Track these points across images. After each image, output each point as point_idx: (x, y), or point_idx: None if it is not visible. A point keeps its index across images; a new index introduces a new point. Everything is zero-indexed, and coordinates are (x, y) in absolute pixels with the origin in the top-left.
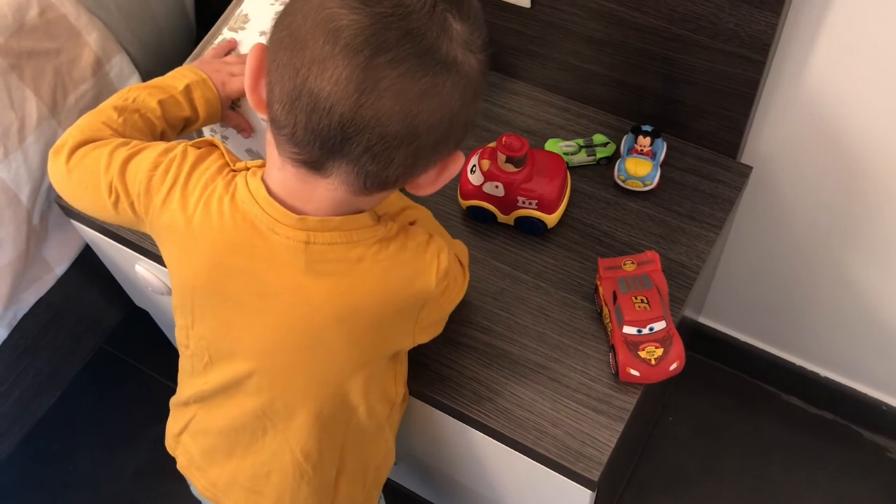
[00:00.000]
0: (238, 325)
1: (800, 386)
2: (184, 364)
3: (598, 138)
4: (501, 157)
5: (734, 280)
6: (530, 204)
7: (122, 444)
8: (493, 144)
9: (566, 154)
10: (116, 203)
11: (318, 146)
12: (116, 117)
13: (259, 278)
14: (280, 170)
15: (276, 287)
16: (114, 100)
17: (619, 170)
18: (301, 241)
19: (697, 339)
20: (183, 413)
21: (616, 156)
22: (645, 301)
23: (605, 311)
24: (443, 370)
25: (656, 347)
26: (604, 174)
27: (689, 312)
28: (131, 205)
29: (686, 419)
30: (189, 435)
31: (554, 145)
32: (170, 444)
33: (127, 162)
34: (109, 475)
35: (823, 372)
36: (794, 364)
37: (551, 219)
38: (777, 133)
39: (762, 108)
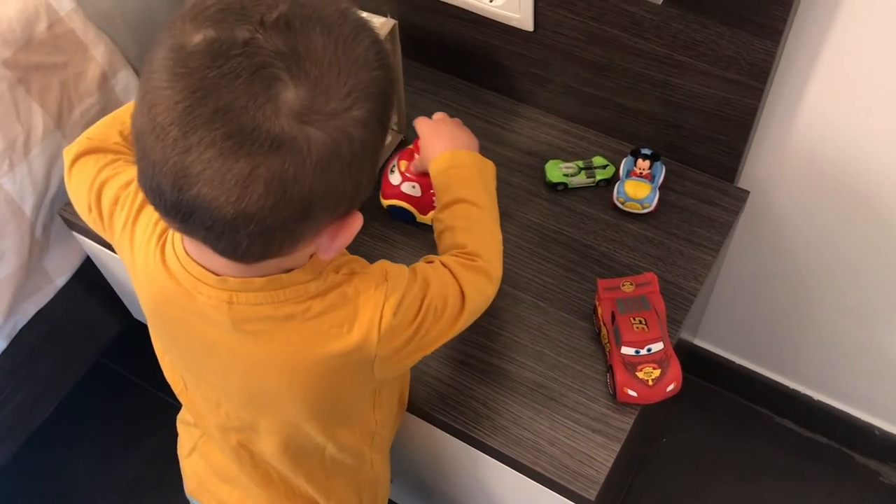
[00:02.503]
0: (195, 362)
1: (793, 409)
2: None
3: (598, 160)
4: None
5: (730, 303)
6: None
7: (118, 456)
8: (412, 146)
9: (566, 175)
10: (96, 222)
11: (172, 220)
12: (130, 124)
13: (196, 330)
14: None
15: (212, 341)
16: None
17: (618, 192)
18: (224, 301)
19: (693, 360)
20: (190, 433)
21: (615, 178)
22: (643, 322)
23: (604, 331)
24: (441, 388)
25: (654, 368)
26: (603, 196)
27: (685, 334)
28: (104, 228)
29: (680, 440)
30: (199, 455)
31: (554, 167)
32: (182, 465)
33: (103, 186)
34: (104, 487)
35: (817, 395)
36: (787, 387)
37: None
38: (774, 159)
39: (760, 133)
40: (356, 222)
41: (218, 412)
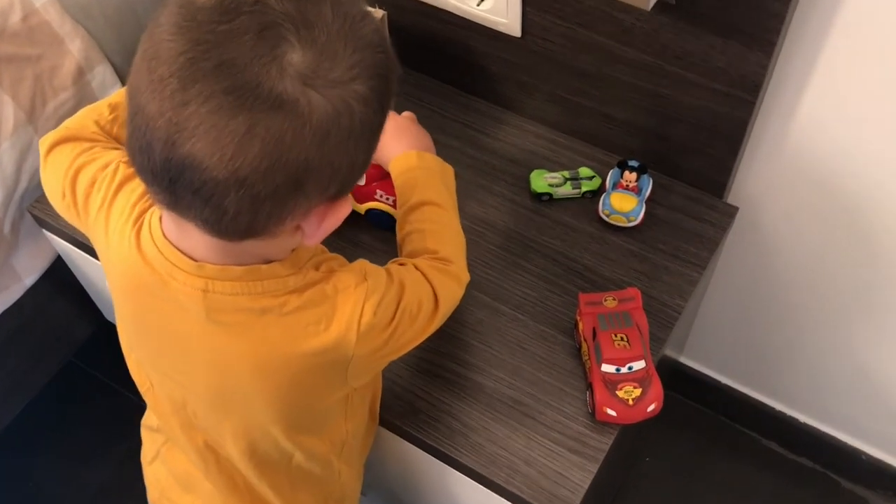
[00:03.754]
0: (162, 357)
1: (779, 431)
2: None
3: (584, 171)
4: None
5: (716, 321)
6: (387, 200)
7: (87, 461)
8: None
9: (551, 186)
10: (69, 209)
11: (158, 186)
12: (108, 114)
13: (167, 319)
14: (163, 212)
15: (183, 332)
16: (114, 96)
17: (603, 204)
18: (199, 289)
19: (677, 378)
20: (154, 439)
21: (601, 190)
22: (625, 339)
23: (584, 347)
24: (416, 402)
25: (634, 387)
26: (588, 208)
27: (669, 351)
28: (78, 214)
29: (663, 460)
30: (161, 462)
31: (539, 176)
32: (145, 473)
33: (79, 171)
34: (72, 494)
35: (803, 418)
36: (773, 409)
37: None
38: (765, 174)
39: (750, 148)
40: (345, 207)
41: (184, 412)
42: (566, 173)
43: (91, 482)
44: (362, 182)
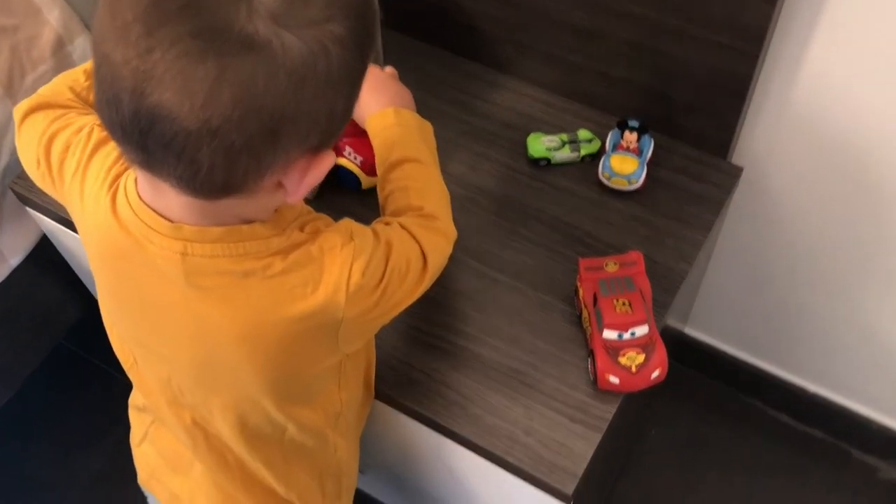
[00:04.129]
0: (144, 329)
1: (788, 401)
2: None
3: (583, 134)
4: None
5: (722, 288)
6: (355, 158)
7: (81, 448)
8: None
9: (549, 150)
10: (44, 177)
11: (129, 144)
12: (83, 80)
13: (146, 287)
14: (136, 172)
15: (164, 300)
16: (90, 63)
17: (603, 167)
18: (177, 252)
19: (682, 349)
20: (141, 419)
21: (601, 153)
22: (627, 304)
23: (585, 313)
24: (412, 373)
25: (637, 353)
26: (587, 172)
27: (673, 321)
28: (53, 182)
29: (669, 432)
30: (150, 442)
31: (536, 140)
32: (134, 454)
33: (53, 137)
34: (66, 481)
35: (812, 387)
36: (782, 378)
37: (368, 181)
38: (770, 132)
39: (755, 105)
40: (327, 160)
41: (169, 388)
42: (564, 136)
43: (86, 469)
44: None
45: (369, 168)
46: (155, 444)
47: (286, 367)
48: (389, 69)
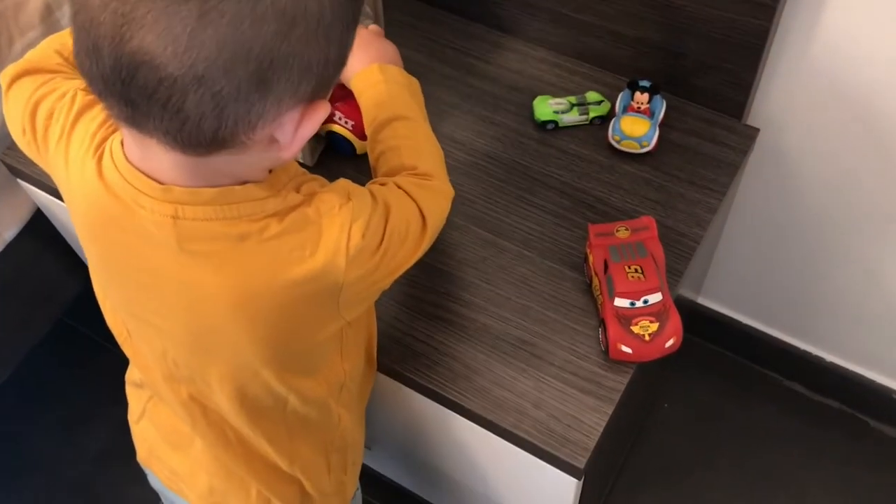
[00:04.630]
0: (137, 300)
1: (804, 371)
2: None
3: (592, 96)
4: None
5: (736, 256)
6: (346, 123)
7: (83, 424)
8: None
9: (556, 113)
10: (30, 145)
11: (112, 97)
12: (71, 43)
13: (137, 255)
14: (123, 132)
15: (156, 267)
16: None
17: (613, 129)
18: (168, 216)
19: (695, 320)
20: (139, 395)
21: (611, 115)
22: (639, 271)
23: (595, 281)
24: (416, 345)
25: (651, 322)
26: (597, 135)
27: (686, 291)
28: (38, 149)
29: (682, 405)
30: (148, 419)
31: (543, 103)
32: (133, 432)
33: (38, 102)
34: (68, 458)
35: (828, 357)
36: (797, 348)
37: (362, 146)
38: (787, 91)
39: (771, 62)
40: (321, 110)
41: (164, 361)
42: (573, 99)
43: (89, 446)
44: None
45: (361, 132)
46: (153, 421)
47: (286, 335)
48: (374, 27)
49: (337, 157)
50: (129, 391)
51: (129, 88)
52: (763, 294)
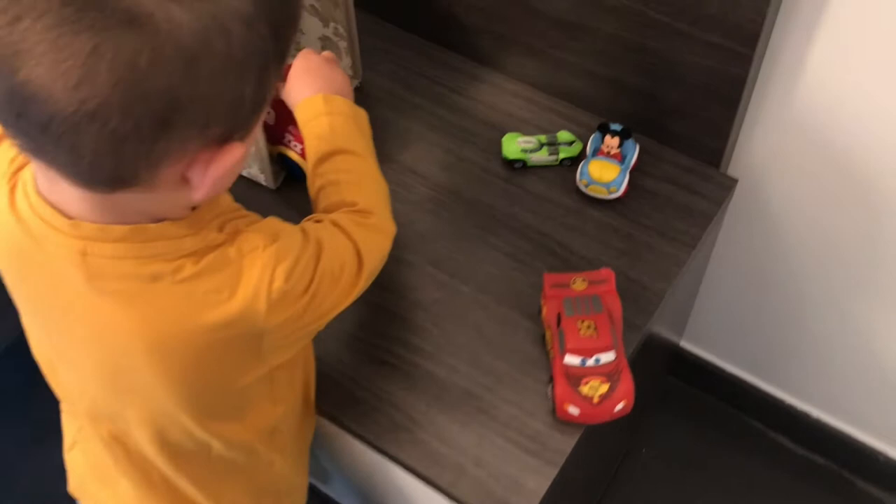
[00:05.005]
0: (52, 334)
1: (789, 424)
2: None
3: (564, 136)
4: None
5: (718, 302)
6: (295, 147)
7: (40, 442)
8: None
9: (524, 151)
10: None
11: (10, 128)
12: None
13: (49, 290)
14: (32, 163)
15: (67, 304)
16: None
17: (581, 173)
18: (76, 252)
19: (678, 363)
20: (70, 423)
21: (581, 157)
22: (592, 327)
23: (548, 334)
24: (357, 390)
25: (601, 383)
26: (566, 177)
27: (668, 333)
28: None
29: (662, 451)
30: (79, 450)
31: (511, 140)
32: (66, 460)
33: None
34: (35, 470)
35: (815, 412)
36: (782, 400)
37: None
38: (768, 141)
39: (752, 110)
40: (235, 153)
41: (84, 399)
42: (543, 138)
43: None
44: (271, 120)
45: None
46: (84, 452)
47: (204, 381)
48: (327, 53)
49: (298, 185)
50: (63, 418)
51: (23, 121)
52: (748, 342)
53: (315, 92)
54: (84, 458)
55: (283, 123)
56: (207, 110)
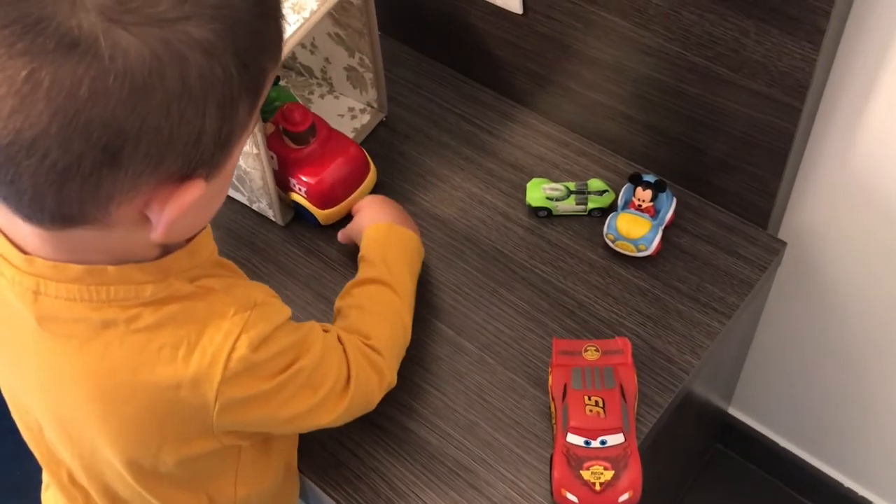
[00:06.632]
0: (6, 371)
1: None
2: None
3: (595, 184)
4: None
5: (768, 371)
6: (300, 190)
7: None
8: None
9: (549, 199)
10: None
11: None
12: None
13: (4, 326)
14: None
15: (19, 343)
16: None
17: (608, 227)
18: (29, 290)
19: (725, 431)
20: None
21: (613, 208)
22: (601, 404)
23: (553, 407)
24: (341, 453)
25: (605, 469)
26: (595, 229)
27: (716, 398)
28: None
29: None
30: (53, 490)
31: (536, 187)
32: (42, 500)
33: None
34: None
35: (876, 500)
36: (839, 482)
37: (322, 215)
38: (823, 201)
39: (805, 167)
40: (193, 191)
41: (43, 440)
42: (572, 185)
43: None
44: (275, 166)
45: (316, 198)
46: (54, 495)
47: (146, 441)
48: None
49: (310, 226)
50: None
51: None
52: (800, 415)
53: (387, 220)
54: (54, 500)
55: (287, 171)
56: (160, 145)
